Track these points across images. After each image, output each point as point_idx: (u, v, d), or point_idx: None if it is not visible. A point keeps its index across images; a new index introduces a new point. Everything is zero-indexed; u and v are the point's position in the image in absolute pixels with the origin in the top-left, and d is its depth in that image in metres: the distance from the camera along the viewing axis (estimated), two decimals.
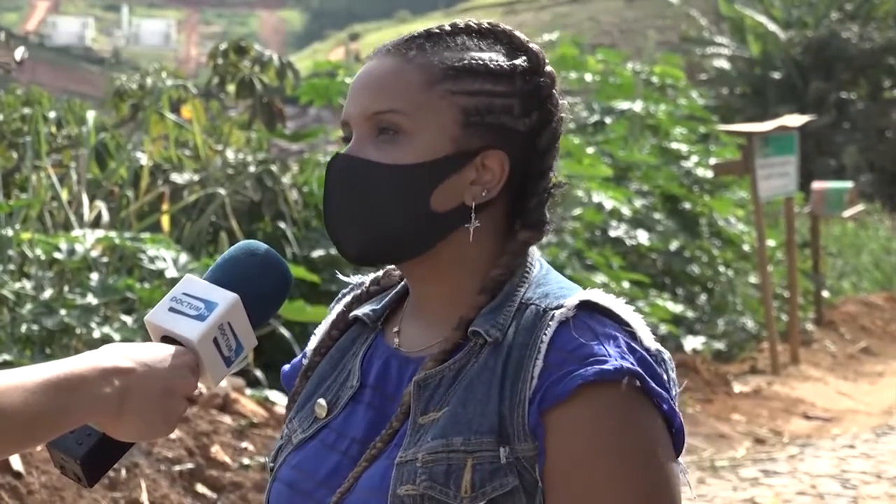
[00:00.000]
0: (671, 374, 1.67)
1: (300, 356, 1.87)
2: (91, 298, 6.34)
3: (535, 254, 1.75)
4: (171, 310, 1.67)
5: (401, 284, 1.82)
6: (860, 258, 16.48)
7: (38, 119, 8.31)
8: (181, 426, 5.78)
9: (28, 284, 6.53)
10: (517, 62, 1.71)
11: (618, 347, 1.62)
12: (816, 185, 13.51)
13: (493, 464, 1.61)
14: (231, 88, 9.60)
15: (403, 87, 1.68)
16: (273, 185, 8.58)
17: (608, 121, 12.84)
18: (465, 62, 1.69)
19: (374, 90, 1.70)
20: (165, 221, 8.34)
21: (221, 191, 8.43)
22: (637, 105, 12.84)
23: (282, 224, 8.56)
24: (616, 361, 1.60)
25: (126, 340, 6.04)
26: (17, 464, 5.14)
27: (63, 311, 6.21)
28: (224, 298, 1.67)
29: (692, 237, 11.88)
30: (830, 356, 11.93)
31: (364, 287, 1.86)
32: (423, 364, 1.69)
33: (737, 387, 10.00)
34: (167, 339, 1.66)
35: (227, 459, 5.84)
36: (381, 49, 1.73)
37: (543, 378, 1.61)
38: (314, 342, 1.84)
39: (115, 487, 5.35)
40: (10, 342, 6.12)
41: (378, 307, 1.81)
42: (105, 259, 6.86)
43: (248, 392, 6.62)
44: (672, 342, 10.39)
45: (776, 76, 24.14)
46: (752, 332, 11.73)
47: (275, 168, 8.70)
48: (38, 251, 6.61)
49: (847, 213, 13.98)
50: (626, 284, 10.08)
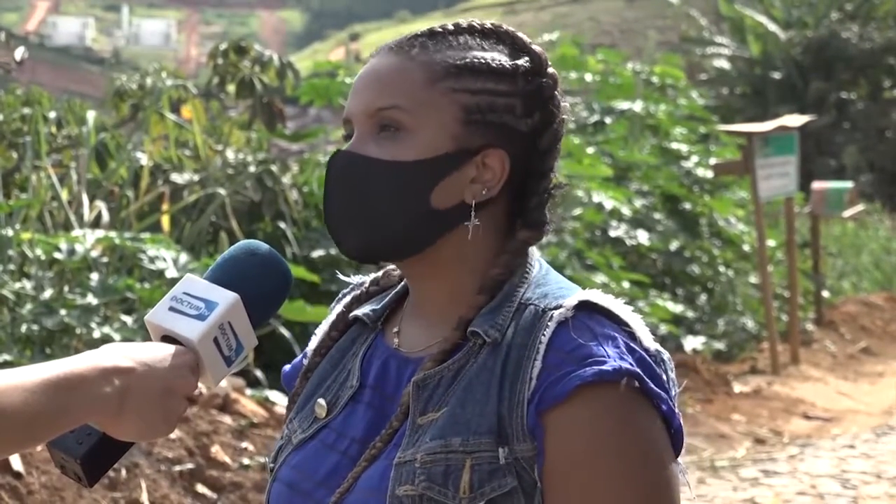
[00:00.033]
0: (670, 375, 1.67)
1: (300, 356, 1.87)
2: (91, 298, 6.33)
3: (535, 254, 1.75)
4: (172, 309, 1.67)
5: (401, 285, 1.82)
6: (860, 258, 16.48)
7: (39, 119, 8.30)
8: (181, 426, 5.78)
9: (28, 284, 6.53)
10: (520, 62, 1.72)
11: (616, 348, 1.62)
12: (816, 185, 13.50)
13: (492, 464, 1.61)
14: (231, 88, 9.58)
15: (406, 84, 1.68)
16: (273, 186, 8.58)
17: (608, 121, 12.83)
18: (468, 60, 1.69)
19: (377, 87, 1.70)
20: (165, 221, 8.34)
21: (221, 191, 8.43)
22: (637, 105, 12.84)
23: (282, 224, 8.55)
24: (615, 362, 1.60)
25: (126, 340, 6.04)
26: (17, 464, 5.13)
27: (63, 312, 6.21)
28: (224, 298, 1.67)
29: (692, 237, 11.87)
30: (830, 356, 11.93)
31: (364, 287, 1.86)
32: (422, 364, 1.69)
33: (737, 387, 9.99)
34: (167, 339, 1.66)
35: (228, 459, 5.83)
36: (384, 47, 1.74)
37: (542, 379, 1.61)
38: (314, 342, 1.84)
39: (116, 487, 5.35)
40: (10, 342, 6.11)
41: (378, 307, 1.81)
42: (105, 259, 6.86)
43: (249, 392, 6.62)
44: (672, 342, 10.38)
45: (776, 76, 24.14)
46: (753, 332, 11.73)
47: (275, 168, 8.70)
48: (39, 251, 6.61)
49: (847, 213, 13.98)
50: (627, 284, 10.08)
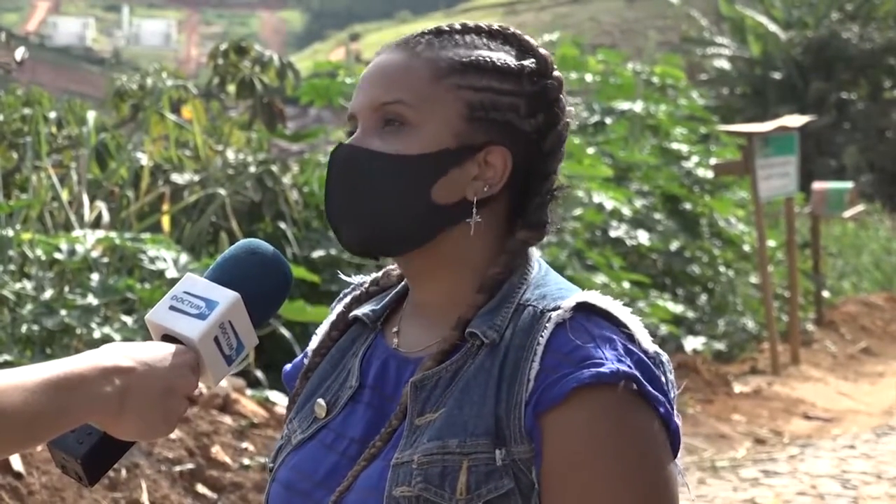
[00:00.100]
0: (669, 377, 1.66)
1: (301, 356, 1.87)
2: (91, 299, 6.33)
3: (535, 255, 1.75)
4: (172, 308, 1.67)
5: (400, 285, 1.82)
6: (860, 258, 16.48)
7: (39, 119, 8.30)
8: (181, 426, 5.78)
9: (28, 285, 6.53)
10: (525, 63, 1.72)
11: (614, 350, 1.62)
12: (817, 186, 13.50)
13: (489, 466, 1.61)
14: (231, 89, 9.58)
15: (410, 80, 1.69)
16: (273, 186, 8.58)
17: (608, 121, 12.83)
18: (473, 58, 1.71)
19: (382, 82, 1.71)
20: (166, 222, 8.34)
21: (222, 191, 8.43)
22: (637, 105, 12.83)
23: (282, 224, 8.56)
24: (612, 365, 1.60)
25: (127, 340, 6.03)
26: (18, 464, 5.13)
27: (63, 312, 6.21)
28: (225, 297, 1.67)
29: (692, 237, 11.87)
30: (831, 356, 11.92)
31: (364, 287, 1.86)
32: (422, 364, 1.69)
33: (737, 387, 9.99)
34: (168, 338, 1.66)
35: (228, 460, 5.83)
36: (391, 44, 1.75)
37: (539, 380, 1.61)
38: (314, 342, 1.84)
39: (116, 488, 5.35)
40: (11, 342, 6.12)
41: (378, 307, 1.81)
42: (105, 259, 6.85)
43: (249, 392, 6.62)
44: (672, 342, 10.38)
45: (776, 76, 24.14)
46: (753, 333, 11.72)
47: (275, 168, 8.70)
48: (39, 251, 6.61)
49: (847, 214, 13.98)
50: (627, 285, 10.07)
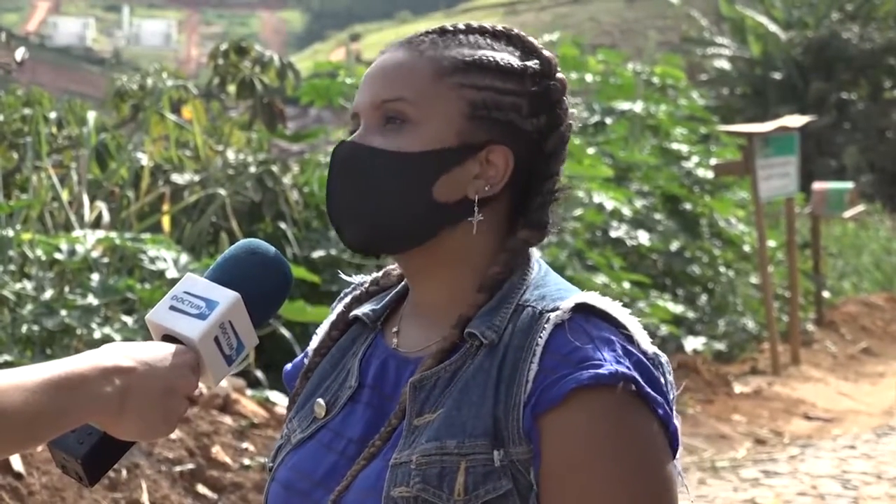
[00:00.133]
0: (668, 378, 1.66)
1: (302, 355, 1.88)
2: (92, 299, 6.33)
3: (535, 255, 1.75)
4: (172, 308, 1.67)
5: (401, 285, 1.82)
6: (861, 259, 16.48)
7: (39, 119, 8.30)
8: (182, 427, 5.78)
9: (29, 285, 6.53)
10: (529, 64, 1.73)
11: (613, 351, 1.62)
12: (817, 186, 13.50)
13: (487, 466, 1.60)
14: (232, 89, 9.58)
15: (413, 78, 1.70)
16: (274, 186, 8.58)
17: (609, 121, 12.83)
18: (477, 57, 1.71)
19: (384, 80, 1.71)
20: (166, 222, 8.34)
21: (222, 191, 8.43)
22: (637, 105, 12.83)
23: (282, 224, 8.56)
24: (611, 366, 1.60)
25: (127, 340, 6.03)
26: (18, 464, 5.13)
27: (64, 312, 6.21)
28: (225, 297, 1.67)
29: (693, 238, 11.87)
30: (831, 357, 11.92)
31: (364, 287, 1.86)
32: (422, 363, 1.69)
33: (737, 387, 9.99)
34: (168, 338, 1.66)
35: (228, 460, 5.83)
36: (395, 43, 1.75)
37: (538, 381, 1.61)
38: (315, 342, 1.85)
39: (116, 488, 5.35)
40: (11, 343, 6.12)
41: (378, 307, 1.81)
42: (106, 260, 6.86)
43: (249, 392, 6.62)
44: (673, 343, 10.38)
45: (777, 77, 24.14)
46: (753, 333, 11.72)
47: (275, 168, 8.70)
48: (39, 252, 6.61)
49: (847, 214, 13.98)
50: (627, 285, 10.08)
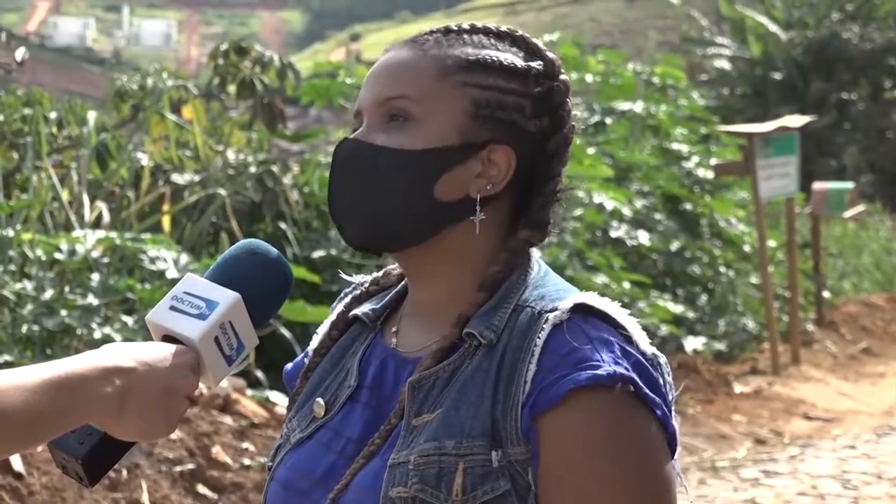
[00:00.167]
0: (667, 378, 1.66)
1: (302, 355, 1.88)
2: (92, 299, 6.33)
3: (535, 255, 1.75)
4: (173, 308, 1.67)
5: (400, 284, 1.82)
6: (861, 259, 16.48)
7: (39, 120, 8.30)
8: (182, 427, 5.78)
9: (29, 285, 6.53)
10: (532, 64, 1.73)
11: (612, 352, 1.62)
12: (817, 186, 13.50)
13: (485, 467, 1.60)
14: (232, 89, 9.58)
15: (416, 76, 1.70)
16: (274, 186, 8.58)
17: (609, 121, 12.83)
18: (480, 57, 1.71)
19: (388, 78, 1.71)
20: (166, 222, 8.34)
21: (222, 191, 8.43)
22: (638, 106, 12.83)
23: (282, 225, 8.56)
24: (610, 367, 1.60)
25: (127, 340, 6.04)
26: (18, 464, 5.13)
27: (64, 312, 6.21)
28: (225, 297, 1.67)
29: (693, 238, 11.87)
30: (831, 357, 11.92)
31: (364, 287, 1.86)
32: (421, 362, 1.69)
33: (737, 387, 9.99)
34: (168, 339, 1.66)
35: (228, 460, 5.83)
36: (399, 42, 1.76)
37: (536, 382, 1.61)
38: (315, 342, 1.85)
39: (116, 488, 5.35)
40: (11, 343, 6.12)
41: (377, 307, 1.81)
42: (106, 260, 6.86)
43: (249, 393, 6.62)
44: (673, 343, 10.38)
45: (777, 77, 24.14)
46: (753, 333, 11.72)
47: (275, 169, 8.70)
48: (39, 252, 6.61)
49: (848, 214, 13.98)
50: (627, 285, 10.08)
